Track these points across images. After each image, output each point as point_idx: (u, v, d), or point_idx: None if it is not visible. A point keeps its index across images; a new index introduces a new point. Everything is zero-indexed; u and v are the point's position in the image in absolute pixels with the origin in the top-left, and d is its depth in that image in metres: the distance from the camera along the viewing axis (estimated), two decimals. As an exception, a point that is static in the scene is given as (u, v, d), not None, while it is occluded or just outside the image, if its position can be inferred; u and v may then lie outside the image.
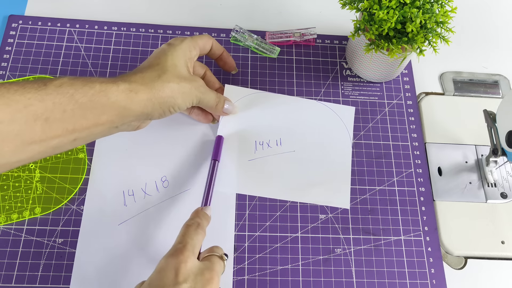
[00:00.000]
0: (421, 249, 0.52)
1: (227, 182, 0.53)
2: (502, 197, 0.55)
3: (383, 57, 0.54)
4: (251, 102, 0.56)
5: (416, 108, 0.60)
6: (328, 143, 0.55)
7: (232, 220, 0.51)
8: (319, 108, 0.57)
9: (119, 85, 0.40)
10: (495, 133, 0.52)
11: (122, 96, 0.39)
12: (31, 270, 0.47)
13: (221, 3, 0.66)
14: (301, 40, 0.62)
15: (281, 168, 0.54)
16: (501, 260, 0.52)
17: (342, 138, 0.56)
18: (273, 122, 0.56)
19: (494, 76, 0.63)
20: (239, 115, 0.55)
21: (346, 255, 0.51)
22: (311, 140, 0.55)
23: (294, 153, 0.54)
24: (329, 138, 0.56)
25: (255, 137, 0.55)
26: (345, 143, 0.56)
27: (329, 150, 0.55)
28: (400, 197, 0.54)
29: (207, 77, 0.53)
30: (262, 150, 0.54)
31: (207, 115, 0.54)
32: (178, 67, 0.45)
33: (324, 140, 0.56)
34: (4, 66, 0.57)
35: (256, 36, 0.61)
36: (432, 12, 0.50)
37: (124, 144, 0.54)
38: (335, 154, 0.55)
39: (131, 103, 0.40)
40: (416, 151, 0.57)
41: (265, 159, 0.54)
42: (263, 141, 0.55)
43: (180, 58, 0.46)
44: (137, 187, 0.52)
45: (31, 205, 0.50)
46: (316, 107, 0.57)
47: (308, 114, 0.57)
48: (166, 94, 0.43)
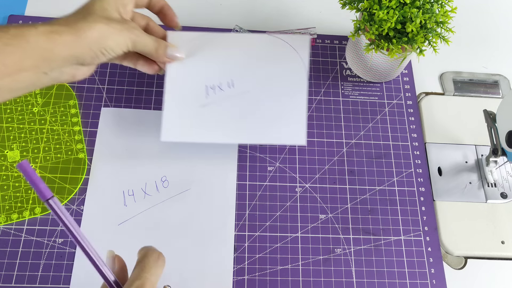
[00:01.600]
0: (421, 249, 0.52)
1: (179, 131, 0.50)
2: (502, 197, 0.55)
3: (383, 57, 0.54)
4: (199, 46, 0.53)
5: (416, 108, 0.60)
6: (282, 77, 0.52)
7: (232, 220, 0.51)
8: (271, 41, 0.53)
9: (37, 28, 0.38)
10: (495, 133, 0.52)
11: (42, 38, 0.38)
12: (31, 270, 0.47)
13: (221, 3, 0.66)
14: (301, 40, 0.62)
15: (235, 111, 0.51)
16: (501, 260, 0.52)
17: (297, 70, 0.52)
18: (223, 64, 0.52)
19: (494, 76, 0.63)
20: (186, 61, 0.52)
21: (346, 255, 0.51)
22: (264, 77, 0.52)
23: (248, 93, 0.51)
24: (284, 71, 0.52)
25: (206, 81, 0.52)
26: (300, 74, 0.52)
27: (284, 84, 0.52)
28: (400, 197, 0.54)
29: (150, 27, 0.51)
30: (214, 94, 0.51)
31: (151, 64, 0.50)
32: (108, 10, 0.43)
33: (278, 74, 0.52)
34: (4, 66, 0.57)
35: None
36: (432, 12, 0.50)
37: (124, 144, 0.54)
38: (290, 88, 0.52)
39: (55, 45, 0.38)
40: (416, 151, 0.57)
41: (217, 103, 0.51)
42: (214, 85, 0.52)
43: (111, 2, 0.44)
44: (137, 187, 0.52)
45: (31, 205, 0.50)
46: (268, 40, 0.53)
47: (260, 49, 0.53)
48: (94, 35, 0.41)
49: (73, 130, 0.54)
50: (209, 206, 0.51)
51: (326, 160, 0.56)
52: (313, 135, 0.57)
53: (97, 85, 0.57)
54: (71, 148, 0.53)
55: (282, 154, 0.55)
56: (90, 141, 0.54)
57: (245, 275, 0.49)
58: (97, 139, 0.54)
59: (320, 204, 0.53)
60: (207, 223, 0.51)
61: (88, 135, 0.54)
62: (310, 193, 0.54)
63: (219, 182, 0.52)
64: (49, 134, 0.53)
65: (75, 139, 0.54)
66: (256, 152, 0.55)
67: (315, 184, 0.54)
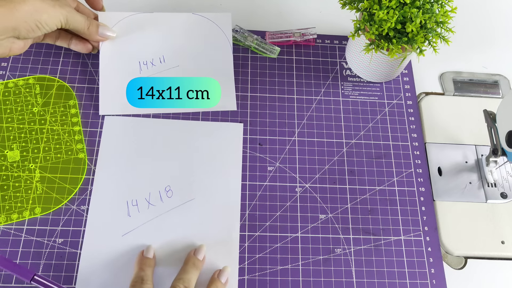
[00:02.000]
0: (421, 249, 0.52)
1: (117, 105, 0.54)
2: (502, 197, 0.55)
3: (383, 57, 0.54)
4: (130, 25, 0.58)
5: (416, 108, 0.60)
6: (210, 52, 0.58)
7: (237, 231, 0.50)
8: (197, 20, 0.59)
9: None
10: (495, 133, 0.52)
11: None
12: (31, 270, 0.47)
13: (221, 3, 0.66)
14: (301, 40, 0.62)
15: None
16: (501, 260, 0.52)
17: (223, 46, 0.58)
18: (154, 41, 0.57)
19: (494, 76, 0.63)
20: (119, 40, 0.57)
21: (346, 255, 0.51)
22: (192, 52, 0.57)
23: (178, 68, 0.56)
24: (211, 46, 0.58)
25: (138, 58, 0.56)
26: (225, 49, 0.58)
27: (212, 58, 0.57)
28: (400, 197, 0.54)
29: (80, 9, 0.54)
30: (147, 70, 0.56)
31: (85, 43, 0.55)
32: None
33: (205, 49, 0.58)
34: (4, 66, 0.57)
35: (256, 36, 0.61)
36: (432, 12, 0.50)
37: (128, 153, 0.53)
38: (217, 61, 0.57)
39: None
40: (416, 151, 0.57)
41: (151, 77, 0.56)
42: (146, 61, 0.56)
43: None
44: (141, 197, 0.51)
45: (31, 205, 0.50)
46: (193, 19, 0.59)
47: (187, 27, 0.59)
48: (28, 8, 0.44)
49: (73, 130, 0.54)
50: (213, 217, 0.51)
51: (326, 160, 0.56)
52: (313, 135, 0.57)
53: (97, 85, 0.57)
54: (71, 148, 0.53)
55: (282, 154, 0.55)
56: (90, 141, 0.54)
57: (245, 275, 0.49)
58: (101, 148, 0.53)
59: (320, 204, 0.53)
60: (212, 233, 0.50)
61: (88, 135, 0.54)
62: (310, 193, 0.54)
63: (223, 192, 0.52)
64: (49, 134, 0.53)
65: (75, 139, 0.54)
66: (256, 152, 0.55)
67: (315, 184, 0.54)
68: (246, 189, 0.53)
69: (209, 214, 0.51)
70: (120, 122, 0.55)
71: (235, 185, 0.53)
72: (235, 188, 0.52)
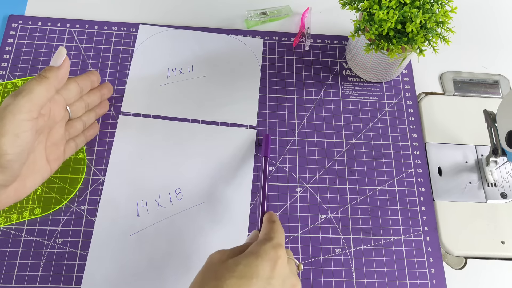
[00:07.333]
0: (421, 249, 0.52)
1: (140, 104, 0.56)
2: (502, 197, 0.55)
3: (383, 57, 0.54)
4: (163, 40, 0.61)
5: (416, 108, 0.60)
6: (238, 70, 0.60)
7: (245, 238, 0.50)
8: (230, 40, 0.62)
9: None
10: (495, 133, 0.52)
11: None
12: (31, 270, 0.47)
13: (221, 3, 0.66)
14: (306, 37, 0.62)
15: (192, 91, 0.57)
16: (501, 260, 0.52)
17: (252, 66, 0.60)
18: (186, 53, 0.60)
19: (494, 76, 0.63)
20: (152, 49, 0.60)
21: (346, 255, 0.51)
22: (221, 67, 0.60)
23: (205, 78, 0.58)
24: (239, 65, 0.60)
25: (168, 65, 0.59)
26: (254, 70, 0.60)
27: (239, 76, 0.59)
28: (400, 197, 0.54)
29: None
30: (175, 76, 0.58)
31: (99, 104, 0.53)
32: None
33: (234, 67, 0.60)
34: (4, 66, 0.57)
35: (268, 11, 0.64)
36: (432, 12, 0.50)
37: (139, 154, 0.53)
38: (244, 79, 0.59)
39: None
40: (416, 151, 0.57)
41: (177, 83, 0.58)
42: (175, 68, 0.59)
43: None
44: (151, 198, 0.51)
45: (31, 206, 0.50)
46: (227, 40, 0.62)
47: (220, 45, 0.61)
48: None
49: (73, 130, 0.54)
50: (223, 222, 0.51)
51: (326, 160, 0.56)
52: (313, 135, 0.57)
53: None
54: (71, 148, 0.53)
55: (282, 154, 0.55)
56: (90, 141, 0.54)
57: (245, 275, 0.49)
58: (114, 146, 0.53)
59: (320, 204, 0.53)
60: (221, 239, 0.50)
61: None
62: (310, 193, 0.54)
63: (234, 198, 0.52)
64: (49, 134, 0.53)
65: (75, 139, 0.53)
66: (256, 152, 0.55)
67: (315, 184, 0.54)
68: (246, 189, 0.53)
69: (218, 219, 0.51)
70: (135, 122, 0.55)
71: (245, 193, 0.52)
72: (245, 195, 0.52)
